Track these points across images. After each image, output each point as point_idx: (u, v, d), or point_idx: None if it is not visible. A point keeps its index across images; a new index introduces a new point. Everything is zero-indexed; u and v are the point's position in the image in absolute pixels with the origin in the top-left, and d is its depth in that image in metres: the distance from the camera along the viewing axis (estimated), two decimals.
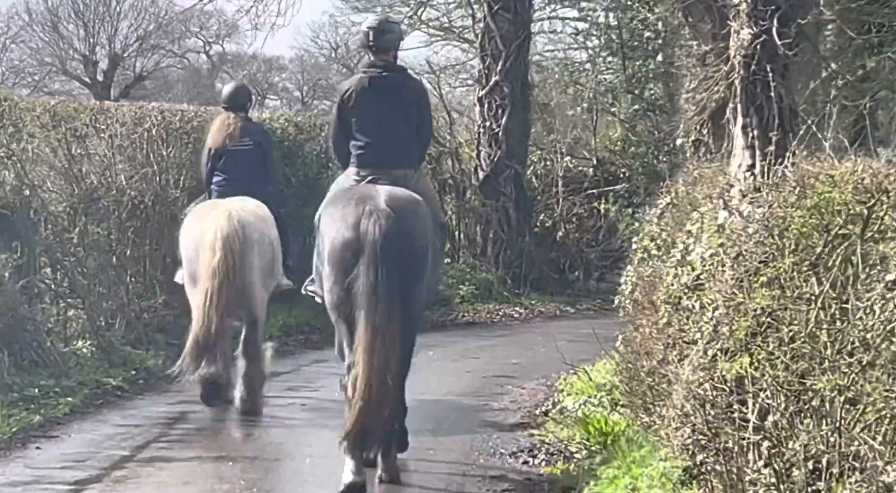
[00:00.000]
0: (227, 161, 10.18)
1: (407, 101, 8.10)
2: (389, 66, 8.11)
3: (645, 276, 9.63)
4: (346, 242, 7.34)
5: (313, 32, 47.33)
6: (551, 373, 11.77)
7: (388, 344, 7.11)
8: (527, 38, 17.58)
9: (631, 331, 9.71)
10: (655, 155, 18.83)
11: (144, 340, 11.74)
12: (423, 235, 7.57)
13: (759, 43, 6.94)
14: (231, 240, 9.30)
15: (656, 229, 10.04)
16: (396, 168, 7.93)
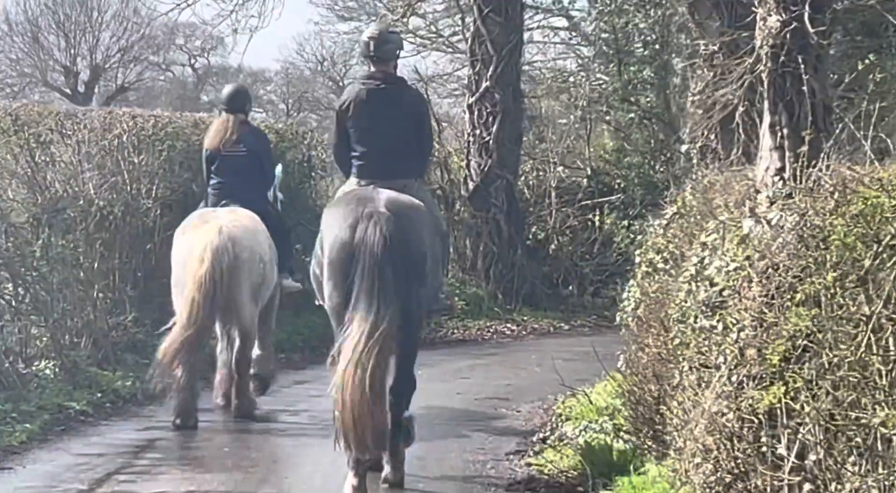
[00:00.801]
0: (222, 166, 10.09)
1: (406, 111, 8.10)
2: (389, 77, 8.12)
3: (651, 291, 8.94)
4: (343, 244, 7.30)
5: (299, 45, 47.81)
6: (548, 395, 11.08)
7: (381, 344, 7.01)
8: (518, 42, 16.86)
9: (635, 351, 9.04)
10: (652, 165, 18.14)
11: (112, 360, 10.98)
12: (422, 239, 7.53)
13: (789, 31, 6.20)
14: (220, 253, 9.24)
15: (662, 241, 9.32)
16: (396, 178, 7.91)
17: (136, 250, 11.86)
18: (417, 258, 7.48)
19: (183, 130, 13.22)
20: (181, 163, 12.82)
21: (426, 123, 8.43)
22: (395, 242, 7.27)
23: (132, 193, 12.02)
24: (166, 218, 12.39)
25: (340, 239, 7.33)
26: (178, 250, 9.68)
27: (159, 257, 12.22)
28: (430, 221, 7.77)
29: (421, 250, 7.51)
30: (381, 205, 7.42)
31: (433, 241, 7.76)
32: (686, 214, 9.28)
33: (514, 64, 16.75)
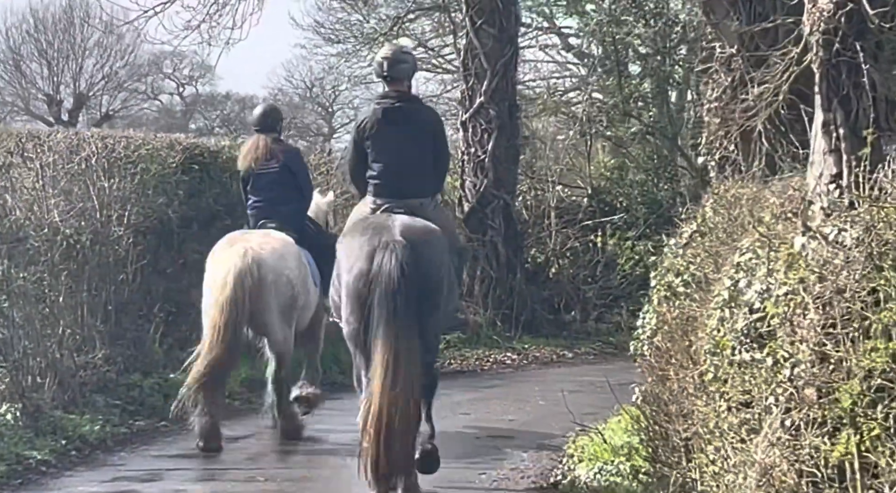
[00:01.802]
0: (255, 184, 10.22)
1: (422, 130, 8.17)
2: (403, 96, 8.17)
3: (671, 318, 8.06)
4: (361, 273, 7.38)
5: (287, 72, 46.86)
6: (555, 431, 10.16)
7: (404, 374, 7.13)
8: (514, 55, 15.98)
9: (653, 384, 8.15)
10: (655, 182, 17.27)
11: (80, 402, 10.04)
12: (438, 266, 7.60)
13: (844, 14, 5.33)
14: (243, 277, 9.30)
15: (681, 263, 8.45)
16: (412, 197, 8.02)
17: (106, 281, 10.95)
18: (434, 285, 7.54)
19: (158, 151, 12.33)
20: (156, 187, 11.94)
21: (441, 141, 8.41)
22: (411, 270, 7.32)
23: (102, 220, 11.12)
24: (140, 246, 11.55)
25: (358, 268, 7.41)
26: (207, 274, 9.74)
27: (133, 289, 11.37)
28: (445, 244, 7.77)
29: (437, 276, 7.58)
30: (396, 233, 7.48)
31: (449, 264, 7.81)
32: (708, 231, 8.42)
33: (510, 78, 15.89)
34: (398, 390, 7.09)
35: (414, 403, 7.25)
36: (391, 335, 7.20)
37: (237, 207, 12.88)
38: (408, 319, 7.26)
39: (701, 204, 8.87)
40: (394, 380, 7.10)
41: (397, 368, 7.12)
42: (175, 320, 12.00)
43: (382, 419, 7.06)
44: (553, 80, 24.93)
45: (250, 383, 11.93)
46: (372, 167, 8.12)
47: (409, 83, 8.30)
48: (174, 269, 12.19)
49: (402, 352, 7.18)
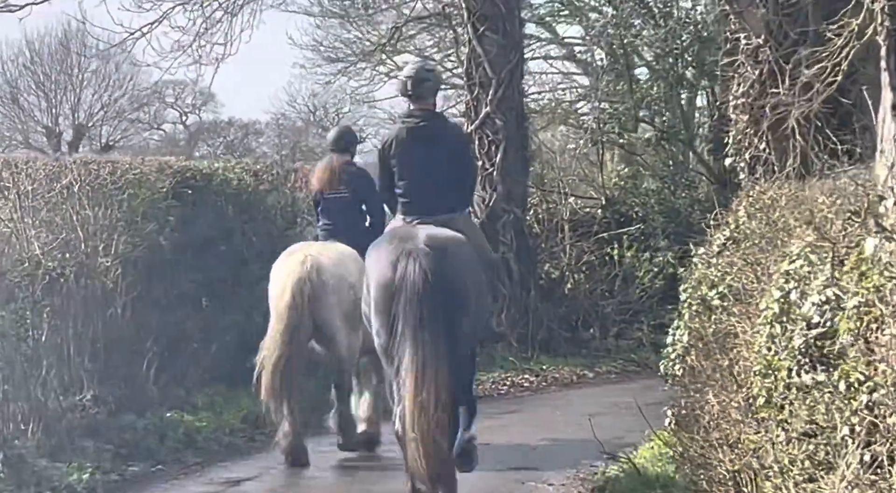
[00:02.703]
0: (326, 207, 10.32)
1: (447, 147, 8.23)
2: (427, 114, 8.25)
3: (708, 334, 7.34)
4: (386, 282, 7.45)
5: (290, 96, 46.43)
6: (581, 460, 9.45)
7: (432, 382, 7.20)
8: (519, 62, 15.22)
9: (689, 407, 7.44)
10: (672, 190, 16.50)
11: (68, 449, 9.27)
12: (463, 273, 7.62)
13: None
14: (301, 283, 9.45)
15: (716, 273, 7.71)
16: (439, 213, 8.07)
17: (93, 316, 10.20)
18: (459, 291, 7.55)
19: (146, 176, 11.61)
20: (145, 213, 11.20)
21: (467, 156, 8.57)
22: (435, 277, 7.37)
23: (87, 251, 10.39)
24: (130, 277, 10.79)
25: (383, 277, 7.48)
26: (270, 284, 9.91)
27: (123, 324, 10.63)
28: (471, 253, 7.81)
29: (462, 282, 7.59)
30: (420, 242, 7.54)
31: (476, 272, 7.83)
32: (743, 238, 7.69)
33: (516, 86, 15.13)
34: (427, 397, 7.17)
35: (444, 409, 7.25)
36: (418, 342, 7.28)
37: (233, 232, 12.22)
38: (434, 325, 7.32)
39: (732, 208, 8.13)
40: (422, 387, 7.19)
41: (425, 375, 7.21)
42: (171, 354, 11.27)
43: (415, 426, 7.17)
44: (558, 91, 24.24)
45: (253, 419, 11.19)
46: (399, 185, 8.23)
47: (433, 100, 8.38)
48: (168, 300, 11.44)
49: (430, 359, 7.25)
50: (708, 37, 14.73)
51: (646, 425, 9.30)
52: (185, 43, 14.58)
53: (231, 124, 49.69)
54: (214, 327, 11.70)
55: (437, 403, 7.20)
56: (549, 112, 18.53)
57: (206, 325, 11.69)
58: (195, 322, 11.55)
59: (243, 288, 12.14)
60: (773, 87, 8.28)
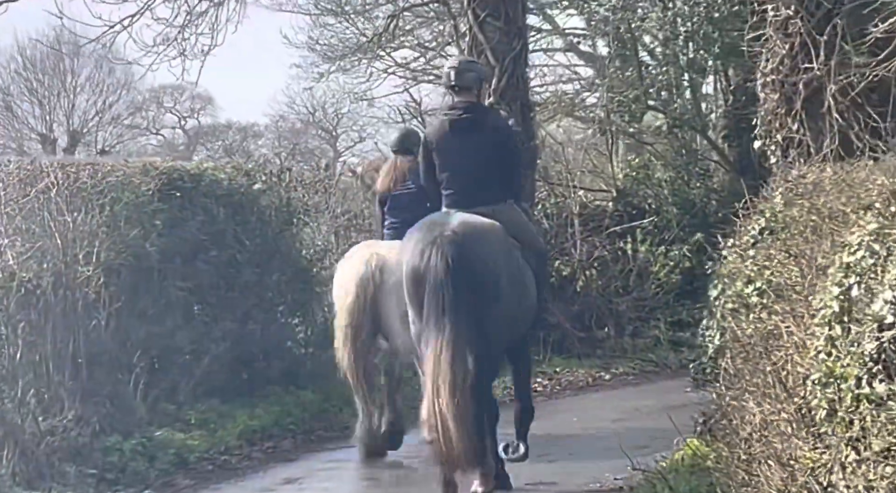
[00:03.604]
0: (393, 205, 10.33)
1: (490, 137, 8.17)
2: (470, 106, 8.22)
3: (746, 335, 6.62)
4: (415, 272, 7.52)
5: (289, 98, 45.77)
6: (605, 472, 8.72)
7: (454, 369, 7.24)
8: (523, 49, 14.45)
9: (726, 416, 6.74)
10: (686, 180, 15.75)
11: (47, 475, 8.54)
12: (490, 260, 7.60)
13: None
14: (365, 282, 9.53)
15: (752, 268, 6.96)
16: (483, 205, 8.00)
17: (74, 330, 9.47)
18: (485, 278, 7.53)
19: (130, 178, 10.87)
20: (129, 218, 10.46)
21: (511, 146, 8.37)
22: (457, 264, 7.38)
23: (66, 259, 9.66)
24: (113, 287, 10.07)
25: (412, 266, 7.55)
26: (335, 281, 10.12)
27: (107, 337, 9.90)
28: (503, 240, 7.77)
29: (489, 269, 7.56)
30: (448, 229, 7.56)
31: (510, 260, 7.78)
32: (782, 227, 6.96)
33: (520, 74, 14.37)
34: (449, 383, 7.20)
35: (466, 395, 7.26)
36: (440, 329, 7.32)
37: (225, 236, 11.50)
38: (456, 313, 7.33)
39: (765, 195, 7.39)
40: (445, 373, 7.22)
41: (447, 361, 7.24)
42: (159, 368, 10.57)
43: (438, 411, 7.20)
44: (561, 84, 23.54)
45: (250, 435, 10.47)
46: (443, 179, 8.21)
47: (476, 92, 8.35)
48: (155, 310, 10.68)
49: (451, 345, 7.28)
50: (720, 17, 13.97)
51: (671, 431, 8.49)
52: (168, 35, 13.77)
53: (229, 127, 49.53)
54: (206, 338, 10.98)
55: (458, 389, 7.22)
56: (553, 103, 17.72)
57: (198, 335, 10.96)
58: (185, 333, 10.82)
59: (236, 295, 11.43)
60: (805, 61, 7.54)
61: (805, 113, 7.58)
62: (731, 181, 15.44)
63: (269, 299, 11.78)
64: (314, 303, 12.58)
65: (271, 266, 11.85)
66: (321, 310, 12.79)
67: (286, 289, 11.98)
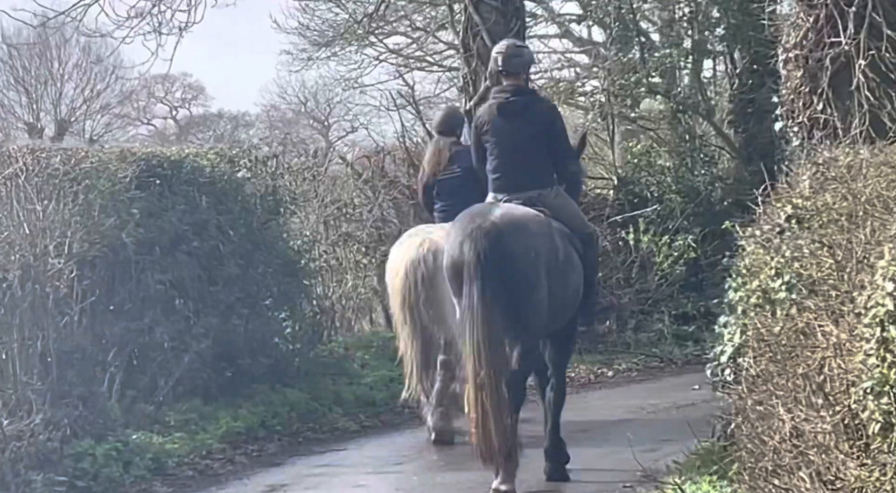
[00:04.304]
0: (441, 189, 10.34)
1: (537, 122, 8.24)
2: (519, 90, 8.34)
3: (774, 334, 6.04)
4: (453, 262, 7.60)
5: (280, 88, 45.70)
6: (612, 481, 8.12)
7: (489, 358, 7.30)
8: (521, 29, 13.82)
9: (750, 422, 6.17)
10: (689, 167, 15.15)
11: (12, 483, 7.96)
12: (527, 252, 7.58)
13: None
14: (416, 266, 9.56)
15: (779, 260, 6.35)
16: (529, 189, 8.09)
17: (43, 326, 8.85)
18: (522, 270, 7.53)
19: (105, 165, 10.25)
20: (104, 207, 9.84)
21: (558, 131, 8.40)
22: (494, 255, 7.41)
23: (35, 251, 9.06)
24: (87, 280, 9.48)
25: (451, 256, 7.64)
26: (388, 265, 10.10)
27: (79, 333, 9.29)
28: (546, 230, 7.78)
29: (526, 261, 7.54)
30: (488, 221, 7.57)
31: (551, 249, 7.76)
32: (812, 215, 6.35)
33: None
34: (484, 374, 7.26)
35: (502, 386, 7.34)
36: (476, 320, 7.35)
37: (207, 226, 10.88)
38: (490, 304, 7.36)
39: (793, 180, 6.77)
40: (480, 364, 7.28)
41: (483, 352, 7.29)
42: (137, 366, 9.96)
43: (476, 402, 7.30)
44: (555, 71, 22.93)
45: (233, 438, 9.87)
46: (491, 163, 8.29)
47: (525, 77, 8.48)
48: (133, 305, 10.07)
49: (487, 336, 7.32)
50: None
51: (681, 432, 8.10)
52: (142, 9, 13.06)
53: (220, 117, 49.53)
54: (187, 334, 10.34)
55: (495, 380, 7.30)
56: (549, 89, 17.10)
57: (178, 331, 10.31)
58: (165, 329, 10.17)
59: (219, 288, 10.80)
60: (832, 35, 6.94)
61: (832, 91, 6.99)
62: (736, 168, 14.89)
63: (255, 293, 11.14)
64: (302, 296, 12.00)
65: (256, 258, 11.22)
66: (310, 304, 12.23)
67: (272, 282, 11.34)
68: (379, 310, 14.24)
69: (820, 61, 7.02)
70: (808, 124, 7.21)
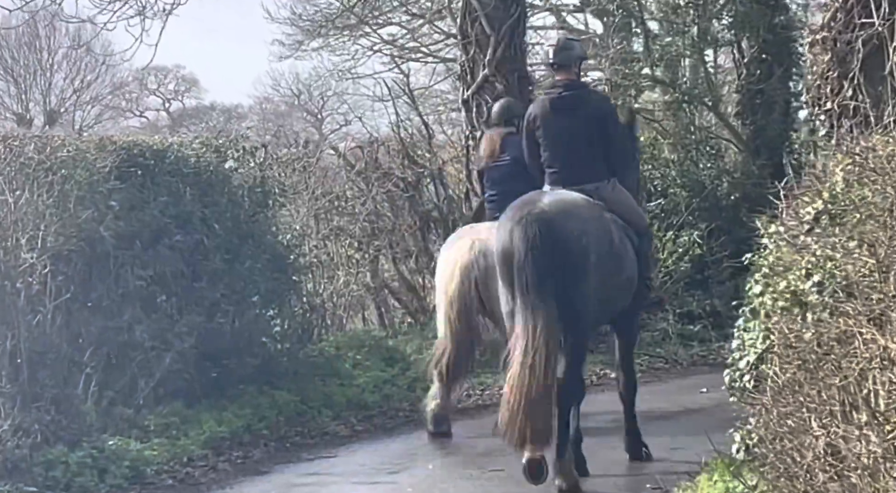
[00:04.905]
0: (489, 178, 10.43)
1: (590, 115, 8.26)
2: (570, 84, 8.36)
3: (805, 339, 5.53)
4: (504, 251, 7.57)
5: (273, 80, 45.54)
6: None
7: (539, 345, 7.25)
8: (521, 16, 13.23)
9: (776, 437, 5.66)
10: (695, 160, 14.61)
11: None
12: (578, 238, 7.56)
13: None
14: (469, 269, 9.62)
15: (810, 259, 5.83)
16: (585, 183, 8.12)
17: (14, 324, 8.33)
18: (572, 256, 7.50)
19: (83, 154, 9.71)
20: (81, 198, 9.31)
21: (612, 124, 8.41)
22: (542, 243, 7.39)
23: (6, 245, 8.52)
24: (62, 276, 8.95)
25: (500, 243, 7.62)
26: (438, 268, 10.19)
27: (53, 332, 8.75)
28: (596, 217, 7.80)
29: (576, 247, 7.52)
30: (537, 207, 7.57)
31: (602, 237, 7.73)
32: (847, 210, 5.81)
33: (518, 44, 13.19)
34: (533, 361, 7.20)
35: (550, 374, 7.26)
36: (525, 307, 7.32)
37: (191, 219, 10.36)
38: (540, 291, 7.33)
39: (823, 172, 6.23)
40: (529, 351, 7.22)
41: (534, 339, 7.24)
42: (115, 367, 9.42)
43: (520, 387, 7.22)
44: None
45: (217, 443, 9.32)
46: (545, 157, 8.33)
47: (577, 70, 8.47)
48: (111, 302, 9.56)
49: (537, 324, 7.27)
50: None
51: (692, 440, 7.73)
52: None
53: (213, 109, 49.25)
54: (169, 333, 9.79)
55: (544, 367, 7.23)
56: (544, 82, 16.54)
57: (160, 330, 9.76)
58: (145, 327, 9.65)
59: (204, 284, 10.26)
60: (863, 15, 6.40)
61: (863, 76, 6.46)
62: (744, 161, 14.34)
63: (241, 289, 10.58)
64: (291, 293, 11.45)
65: (243, 252, 10.67)
66: (299, 301, 11.69)
67: (260, 278, 10.75)
68: (372, 308, 13.72)
69: (850, 44, 6.49)
70: (838, 112, 6.68)
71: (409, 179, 13.47)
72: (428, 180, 13.74)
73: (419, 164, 13.66)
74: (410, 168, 13.49)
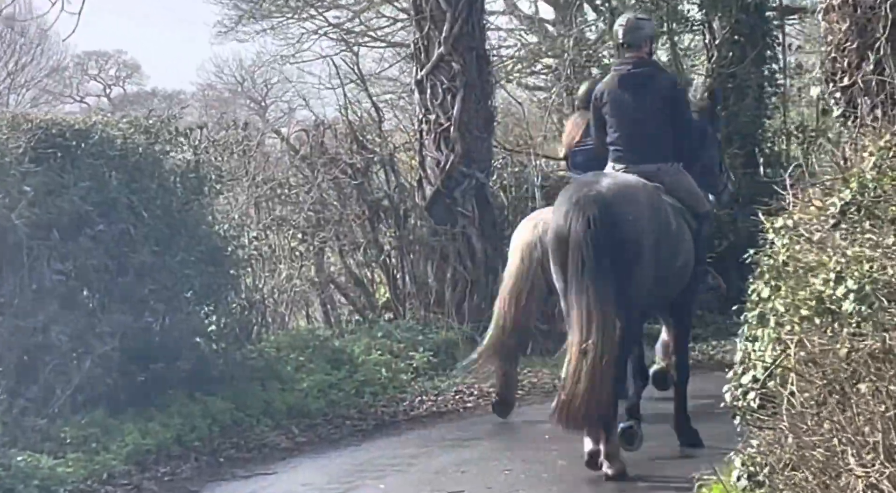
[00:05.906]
0: (574, 161, 10.36)
1: (658, 95, 8.31)
2: (640, 62, 8.42)
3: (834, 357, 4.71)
4: (558, 233, 7.61)
5: (217, 68, 44.99)
6: None
7: (596, 328, 7.29)
8: None
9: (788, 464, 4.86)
10: None
11: None
12: (633, 222, 7.56)
13: None
14: (531, 249, 9.63)
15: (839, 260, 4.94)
16: (648, 163, 8.20)
17: None
18: (627, 239, 7.52)
19: None
20: None
21: (680, 105, 8.49)
22: (598, 225, 7.40)
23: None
24: None
25: (556, 225, 7.63)
26: (510, 251, 10.17)
27: None
28: (655, 200, 7.81)
29: (632, 230, 7.54)
30: (594, 190, 7.59)
31: (659, 221, 7.76)
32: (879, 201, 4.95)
33: (477, 21, 12.36)
34: (589, 343, 7.24)
35: (607, 357, 7.29)
36: (582, 291, 7.35)
37: (117, 206, 9.43)
38: (597, 274, 7.36)
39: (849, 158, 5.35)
40: (587, 334, 7.26)
41: (589, 322, 7.28)
42: (27, 372, 8.47)
43: (576, 370, 7.27)
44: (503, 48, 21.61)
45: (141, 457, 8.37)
46: (611, 135, 8.39)
47: (647, 49, 8.57)
48: (24, 299, 8.64)
49: (593, 306, 7.31)
50: None
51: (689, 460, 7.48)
52: None
53: (155, 95, 48.49)
54: (90, 333, 8.93)
55: (598, 350, 7.25)
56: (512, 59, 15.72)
57: (79, 330, 8.90)
58: (63, 327, 8.74)
59: (130, 279, 9.36)
60: None
61: (890, 47, 5.61)
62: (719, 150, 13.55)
63: (172, 285, 9.70)
64: (228, 289, 10.54)
65: (175, 244, 9.79)
66: (237, 297, 10.77)
67: (193, 272, 9.87)
68: (316, 304, 12.83)
69: (873, 9, 5.64)
70: (863, 88, 5.82)
71: (357, 165, 12.62)
72: (378, 167, 12.93)
73: (368, 149, 12.82)
74: (359, 153, 12.64)
